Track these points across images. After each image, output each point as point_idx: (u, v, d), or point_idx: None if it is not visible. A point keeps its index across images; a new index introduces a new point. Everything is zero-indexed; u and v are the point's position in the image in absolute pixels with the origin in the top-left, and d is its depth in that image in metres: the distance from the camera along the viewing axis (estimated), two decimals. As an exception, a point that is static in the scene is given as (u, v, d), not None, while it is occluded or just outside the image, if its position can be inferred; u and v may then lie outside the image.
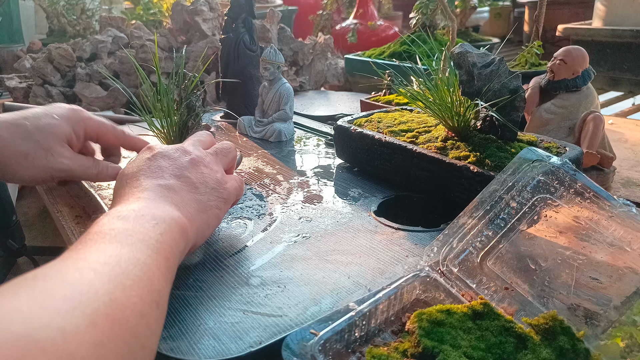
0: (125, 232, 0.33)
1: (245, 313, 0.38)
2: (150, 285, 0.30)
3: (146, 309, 0.28)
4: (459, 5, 1.58)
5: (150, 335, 0.28)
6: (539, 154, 0.42)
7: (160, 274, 0.31)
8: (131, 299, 0.27)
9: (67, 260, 0.29)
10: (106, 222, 0.34)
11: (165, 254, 0.33)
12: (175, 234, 0.36)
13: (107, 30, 1.38)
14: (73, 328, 0.23)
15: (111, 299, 0.26)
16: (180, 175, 0.42)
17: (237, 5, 0.94)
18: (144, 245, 0.32)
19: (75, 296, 0.25)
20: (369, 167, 0.66)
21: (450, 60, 0.59)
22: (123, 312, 0.26)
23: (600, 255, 0.37)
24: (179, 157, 0.44)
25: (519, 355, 0.31)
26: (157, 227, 0.34)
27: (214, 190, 0.43)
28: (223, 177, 0.46)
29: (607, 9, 1.46)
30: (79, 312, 0.24)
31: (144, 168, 0.42)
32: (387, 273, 0.43)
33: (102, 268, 0.28)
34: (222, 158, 0.48)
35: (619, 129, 0.90)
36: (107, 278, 0.27)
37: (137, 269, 0.29)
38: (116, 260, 0.29)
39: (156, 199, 0.38)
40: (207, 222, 0.42)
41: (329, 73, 1.41)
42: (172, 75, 0.65)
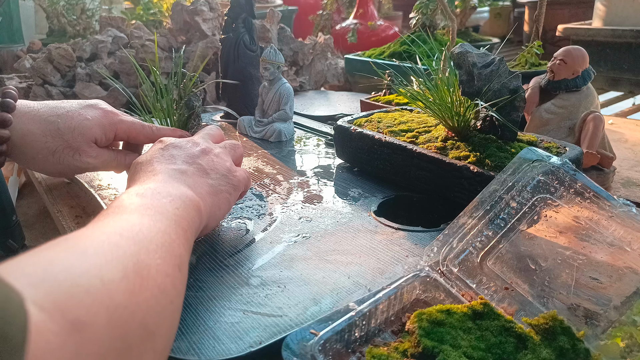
0: (144, 205, 0.35)
1: (245, 313, 0.38)
2: (172, 250, 0.32)
3: (170, 270, 0.30)
4: (459, 5, 1.58)
5: (177, 294, 0.30)
6: (539, 154, 0.42)
7: (179, 243, 0.34)
8: (155, 260, 0.29)
9: (92, 227, 0.31)
10: (125, 198, 0.36)
11: (183, 226, 0.36)
12: (191, 210, 0.38)
13: (107, 30, 1.38)
14: (109, 277, 0.25)
15: (138, 259, 0.28)
16: (192, 162, 0.44)
17: (237, 5, 0.94)
18: (163, 217, 0.34)
19: (106, 253, 0.27)
20: (369, 167, 0.66)
21: (450, 60, 0.59)
22: (149, 271, 0.28)
23: (600, 255, 0.37)
24: (190, 147, 0.47)
25: (519, 355, 0.31)
26: (173, 202, 0.37)
27: (224, 177, 0.45)
28: (232, 166, 0.48)
29: (607, 9, 1.46)
30: (112, 266, 0.26)
31: (157, 156, 0.45)
32: (387, 273, 0.43)
33: (127, 233, 0.30)
34: (230, 151, 0.51)
35: (619, 129, 0.90)
36: (132, 242, 0.30)
37: (159, 236, 0.32)
38: (139, 227, 0.31)
39: (170, 180, 0.41)
40: (218, 205, 0.44)
41: (329, 73, 1.41)
42: (171, 75, 0.65)
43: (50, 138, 0.49)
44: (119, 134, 0.54)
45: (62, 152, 0.49)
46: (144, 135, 0.55)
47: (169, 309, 0.29)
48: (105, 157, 0.52)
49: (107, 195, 0.63)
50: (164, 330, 0.28)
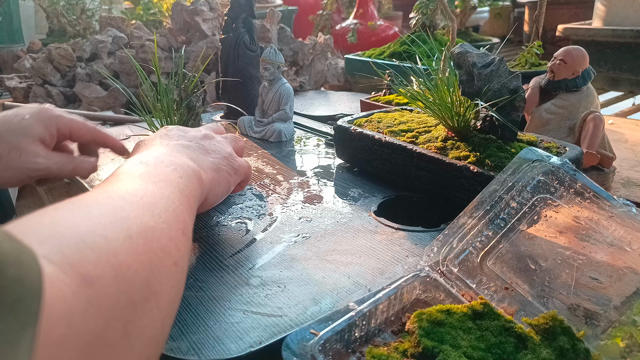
0: (148, 173, 0.36)
1: (245, 313, 0.38)
2: (176, 216, 0.33)
3: (174, 234, 0.31)
4: (459, 5, 1.58)
5: (180, 256, 0.31)
6: (539, 154, 0.42)
7: (183, 209, 0.35)
8: (159, 224, 0.30)
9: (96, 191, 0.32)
10: (129, 164, 0.37)
11: (186, 193, 0.37)
12: (193, 179, 0.39)
13: (107, 30, 1.38)
14: (113, 236, 0.26)
15: (142, 221, 0.29)
16: (194, 141, 0.46)
17: (237, 5, 0.94)
18: (166, 184, 0.35)
19: (110, 215, 0.28)
20: (369, 167, 0.66)
21: (450, 60, 0.59)
22: (153, 233, 0.29)
23: (600, 255, 0.37)
24: (193, 132, 0.49)
25: (519, 355, 0.31)
26: (176, 171, 0.38)
27: (224, 158, 0.47)
28: (233, 153, 0.50)
29: (607, 9, 1.46)
30: (116, 226, 0.27)
31: (161, 134, 0.46)
32: (387, 273, 0.43)
33: (132, 198, 0.31)
34: (231, 141, 0.53)
35: (619, 129, 0.90)
36: (137, 205, 0.31)
37: (163, 202, 0.33)
38: (143, 192, 0.32)
39: (173, 151, 0.42)
40: (219, 181, 0.45)
41: (329, 73, 1.41)
42: (171, 75, 0.65)
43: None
44: (62, 129, 0.52)
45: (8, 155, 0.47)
46: (86, 131, 0.54)
47: (173, 270, 0.30)
48: (59, 159, 0.51)
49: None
50: (168, 290, 0.29)
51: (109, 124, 1.08)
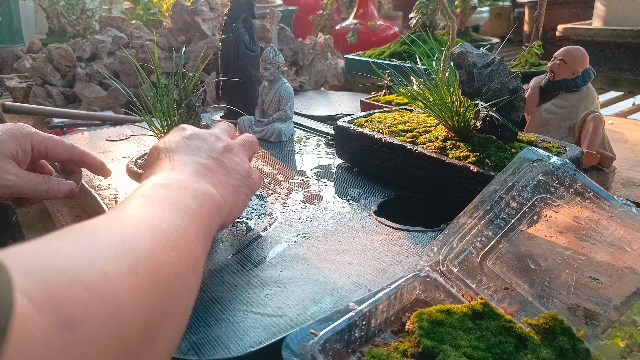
0: (167, 199, 0.34)
1: (245, 313, 0.38)
2: (189, 250, 0.31)
3: (183, 270, 0.29)
4: (459, 5, 1.58)
5: (186, 297, 0.30)
6: (539, 154, 0.42)
7: (198, 242, 0.33)
8: (170, 258, 0.29)
9: (111, 215, 0.31)
10: (149, 186, 0.36)
11: (203, 225, 0.35)
12: (213, 209, 0.38)
13: (107, 30, 1.38)
14: (115, 272, 0.24)
15: (152, 254, 0.27)
16: (216, 159, 0.44)
17: (237, 5, 0.94)
18: (185, 213, 0.34)
19: (118, 245, 0.26)
20: (369, 167, 0.66)
21: (450, 60, 0.59)
22: (162, 268, 0.27)
23: (600, 255, 0.37)
24: (213, 141, 0.46)
25: (519, 355, 0.31)
26: (197, 200, 0.36)
27: (244, 178, 0.46)
28: (250, 168, 0.48)
29: (607, 9, 1.46)
30: (122, 259, 0.25)
31: (183, 145, 0.44)
32: (387, 273, 0.43)
33: (145, 226, 0.29)
34: (248, 150, 0.51)
35: (619, 129, 0.90)
36: (149, 235, 0.29)
37: (177, 233, 0.31)
38: (158, 222, 0.31)
39: (197, 175, 0.40)
40: (237, 205, 0.44)
41: (329, 73, 1.41)
42: (171, 75, 0.65)
43: None
44: (37, 147, 0.51)
45: None
46: (63, 149, 0.53)
47: (175, 311, 0.28)
48: (30, 178, 0.49)
49: (107, 195, 0.63)
50: (167, 334, 0.27)
51: (109, 124, 1.08)
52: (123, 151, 0.82)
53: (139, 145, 0.85)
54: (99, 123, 1.09)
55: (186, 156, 0.42)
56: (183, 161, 0.41)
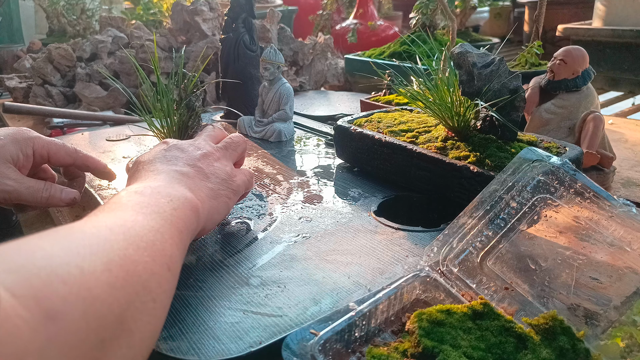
0: (141, 203, 0.35)
1: (245, 313, 0.38)
2: (163, 250, 0.32)
3: (157, 269, 0.30)
4: (459, 5, 1.58)
5: (162, 293, 0.30)
6: (539, 154, 0.42)
7: (172, 243, 0.34)
8: (143, 257, 0.30)
9: (85, 221, 0.32)
10: (124, 195, 0.36)
11: (179, 227, 0.36)
12: (188, 211, 0.38)
13: (107, 30, 1.38)
14: (91, 268, 0.26)
15: (125, 254, 0.29)
16: (193, 165, 0.45)
17: (237, 5, 0.94)
18: (159, 216, 0.35)
19: (92, 245, 0.28)
20: (369, 167, 0.66)
21: (450, 60, 0.59)
22: (135, 267, 0.29)
23: (600, 255, 0.37)
24: (192, 150, 0.47)
25: (519, 355, 0.31)
26: (171, 203, 0.37)
27: (224, 182, 0.46)
28: (232, 171, 0.48)
29: (607, 9, 1.46)
30: (96, 257, 0.27)
31: (160, 156, 0.45)
32: (387, 273, 0.43)
33: (118, 229, 0.31)
34: (231, 152, 0.51)
35: (619, 129, 0.90)
36: (122, 237, 0.30)
37: (151, 235, 0.32)
38: (132, 224, 0.32)
39: (171, 180, 0.41)
40: (217, 209, 0.44)
41: (329, 73, 1.41)
42: (171, 75, 0.65)
43: None
44: (39, 151, 0.50)
45: None
46: (65, 153, 0.52)
47: (150, 306, 0.29)
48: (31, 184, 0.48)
49: (107, 195, 0.63)
50: (142, 327, 0.28)
51: (109, 124, 1.08)
52: (123, 151, 0.82)
53: (139, 145, 0.85)
54: (99, 123, 1.09)
55: (162, 165, 0.43)
56: (158, 170, 0.42)
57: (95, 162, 0.55)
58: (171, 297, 0.32)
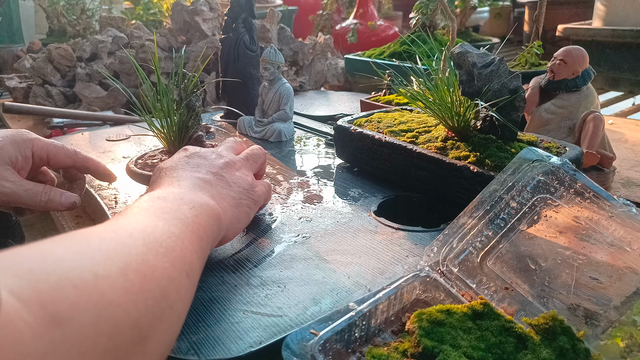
0: (163, 208, 0.35)
1: (245, 313, 0.38)
2: (182, 256, 0.32)
3: (176, 275, 0.30)
4: (459, 5, 1.58)
5: (179, 300, 0.30)
6: (539, 154, 0.42)
7: (192, 250, 0.33)
8: (162, 263, 0.29)
9: (105, 225, 0.31)
10: (146, 199, 0.36)
11: (199, 234, 0.35)
12: (210, 219, 0.38)
13: (107, 30, 1.38)
14: (105, 273, 0.25)
15: (143, 259, 0.28)
16: (216, 173, 0.45)
17: (237, 5, 0.94)
18: (180, 222, 0.34)
19: (109, 250, 0.27)
20: (369, 167, 0.66)
21: (450, 60, 0.59)
22: (153, 272, 0.28)
23: (600, 255, 0.37)
24: (214, 158, 0.47)
25: (519, 355, 0.31)
26: (193, 210, 0.37)
27: (245, 191, 0.46)
28: (253, 182, 0.48)
29: (607, 9, 1.46)
30: (112, 262, 0.26)
31: (183, 163, 0.45)
32: (387, 273, 0.43)
33: (138, 234, 0.30)
34: (252, 164, 0.51)
35: (619, 129, 0.90)
36: (142, 242, 0.29)
37: (171, 241, 0.32)
38: (152, 229, 0.31)
39: (194, 187, 0.41)
40: (238, 218, 0.44)
41: (329, 73, 1.41)
42: (171, 75, 0.65)
43: None
44: (38, 153, 0.49)
45: None
46: (65, 155, 0.51)
47: (168, 313, 0.28)
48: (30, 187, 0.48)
49: (107, 195, 0.63)
50: (159, 335, 0.27)
51: (109, 124, 1.08)
52: (123, 151, 0.82)
53: (139, 145, 0.85)
54: (99, 123, 1.09)
55: (185, 172, 0.43)
56: (182, 177, 0.42)
57: (95, 163, 0.55)
58: (189, 304, 0.32)
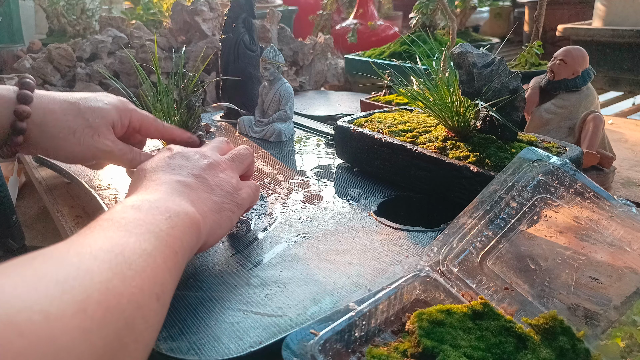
0: (135, 221, 0.33)
1: (245, 313, 0.38)
2: (154, 277, 0.30)
3: (145, 300, 0.28)
4: (459, 5, 1.58)
5: (146, 329, 0.28)
6: (539, 154, 0.42)
7: (165, 267, 0.31)
8: (130, 288, 0.27)
9: (71, 244, 0.29)
10: (119, 210, 0.34)
11: (174, 248, 0.33)
12: (188, 228, 0.36)
13: (107, 30, 1.38)
14: (59, 312, 0.22)
15: (107, 287, 0.26)
16: (198, 175, 0.43)
17: (237, 5, 0.94)
18: (153, 236, 0.32)
19: (68, 280, 0.24)
20: (369, 167, 0.66)
21: (450, 60, 0.59)
22: (118, 301, 0.26)
23: (600, 255, 0.37)
24: (198, 159, 0.46)
25: (519, 355, 0.31)
26: (169, 220, 0.35)
27: (228, 194, 0.44)
28: (238, 184, 0.47)
29: (607, 9, 1.46)
30: (69, 296, 0.24)
31: (163, 165, 0.44)
32: (387, 273, 0.43)
33: (104, 255, 0.28)
34: (238, 164, 0.50)
35: (619, 129, 0.90)
36: (107, 266, 0.27)
37: (142, 260, 0.29)
38: (121, 248, 0.29)
39: (172, 193, 0.39)
40: (220, 223, 0.42)
41: (329, 73, 1.41)
42: (171, 75, 0.65)
43: (72, 117, 0.49)
44: (133, 122, 0.54)
45: (82, 131, 0.49)
46: (155, 127, 0.56)
47: (133, 347, 0.26)
48: (122, 147, 0.53)
49: (107, 195, 0.63)
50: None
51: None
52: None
53: (139, 145, 0.85)
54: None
55: (165, 175, 0.42)
56: (161, 180, 0.41)
57: (180, 133, 0.59)
58: (157, 331, 0.30)
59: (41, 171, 0.81)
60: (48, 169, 0.80)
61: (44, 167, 0.81)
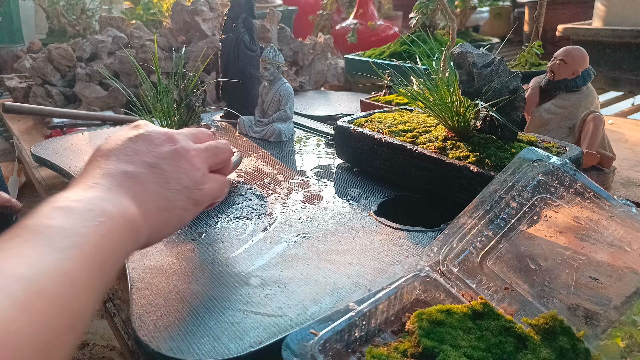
0: (61, 232, 0.29)
1: (245, 313, 0.38)
2: (71, 301, 0.27)
3: (52, 335, 0.25)
4: (459, 5, 1.58)
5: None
6: (539, 154, 0.42)
7: (88, 287, 0.28)
8: (37, 325, 0.24)
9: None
10: (47, 214, 0.31)
11: (103, 259, 0.31)
12: (123, 232, 0.33)
13: (107, 30, 1.38)
14: None
15: (11, 329, 0.23)
16: (154, 165, 0.39)
17: (237, 5, 0.94)
18: (77, 250, 0.29)
19: None
20: (369, 167, 0.66)
21: (450, 60, 0.59)
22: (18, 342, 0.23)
23: (600, 255, 0.37)
24: (161, 143, 0.40)
25: (519, 355, 0.31)
26: (101, 226, 0.31)
27: (186, 190, 0.40)
28: (203, 177, 0.42)
29: (607, 9, 1.46)
30: None
31: (120, 148, 0.39)
32: (387, 273, 0.43)
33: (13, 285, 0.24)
34: (210, 156, 0.45)
35: (619, 129, 0.90)
36: (11, 302, 0.24)
37: (57, 284, 0.26)
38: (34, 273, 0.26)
39: (114, 188, 0.35)
40: (167, 222, 0.39)
41: (329, 73, 1.41)
42: (171, 75, 0.65)
43: None
44: None
45: None
46: None
47: None
48: None
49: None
50: None
51: (109, 124, 1.08)
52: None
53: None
54: (99, 123, 1.09)
55: (114, 163, 0.37)
56: (107, 170, 0.37)
57: None
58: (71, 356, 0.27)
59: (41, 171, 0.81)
60: (48, 169, 0.80)
61: (44, 167, 0.81)
